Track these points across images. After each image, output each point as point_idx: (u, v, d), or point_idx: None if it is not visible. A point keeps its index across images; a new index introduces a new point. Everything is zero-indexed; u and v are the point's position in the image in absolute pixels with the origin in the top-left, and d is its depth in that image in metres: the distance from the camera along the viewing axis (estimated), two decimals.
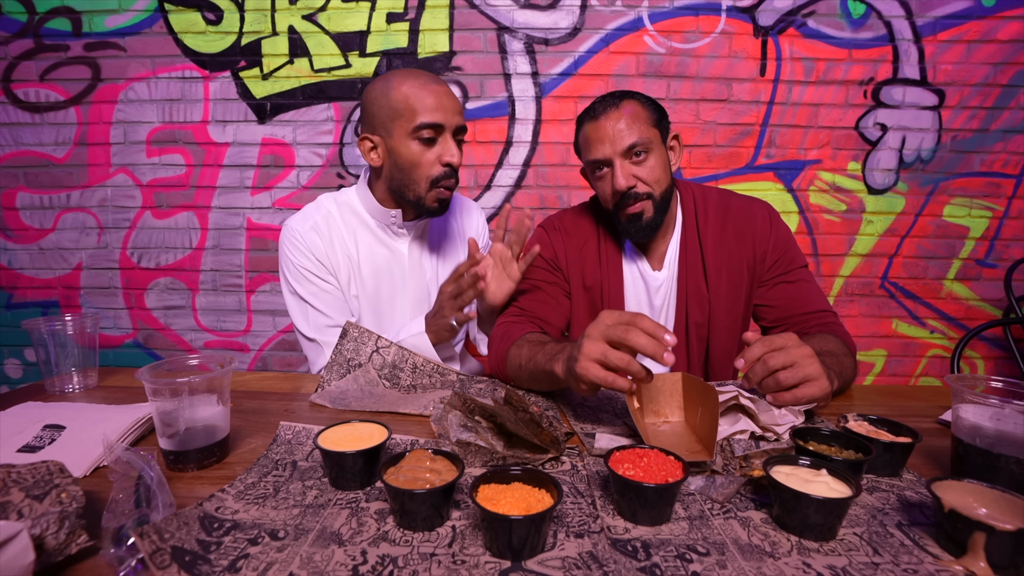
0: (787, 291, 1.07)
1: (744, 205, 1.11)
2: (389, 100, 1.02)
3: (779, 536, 0.51)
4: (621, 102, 1.00)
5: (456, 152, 1.03)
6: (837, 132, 2.04)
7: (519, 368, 0.91)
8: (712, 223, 1.08)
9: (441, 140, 1.03)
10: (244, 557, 0.47)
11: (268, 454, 0.67)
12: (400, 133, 1.02)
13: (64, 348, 0.91)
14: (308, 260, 1.10)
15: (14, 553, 0.40)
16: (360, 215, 1.15)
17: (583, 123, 1.05)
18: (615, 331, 0.67)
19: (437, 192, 1.05)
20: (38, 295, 2.18)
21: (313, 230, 1.11)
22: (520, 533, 0.46)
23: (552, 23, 1.99)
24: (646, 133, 0.99)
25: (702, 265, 1.07)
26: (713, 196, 1.12)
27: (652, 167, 1.00)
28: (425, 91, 1.01)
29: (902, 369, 2.19)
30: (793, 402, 0.70)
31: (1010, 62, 1.97)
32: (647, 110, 1.01)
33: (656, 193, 1.01)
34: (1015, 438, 0.58)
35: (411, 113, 1.01)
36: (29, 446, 0.67)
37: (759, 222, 1.08)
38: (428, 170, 1.03)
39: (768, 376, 0.71)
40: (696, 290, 1.07)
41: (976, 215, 2.08)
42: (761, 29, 1.97)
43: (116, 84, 2.04)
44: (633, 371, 0.67)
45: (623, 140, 0.98)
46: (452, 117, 1.03)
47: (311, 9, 1.98)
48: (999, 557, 0.45)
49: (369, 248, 1.15)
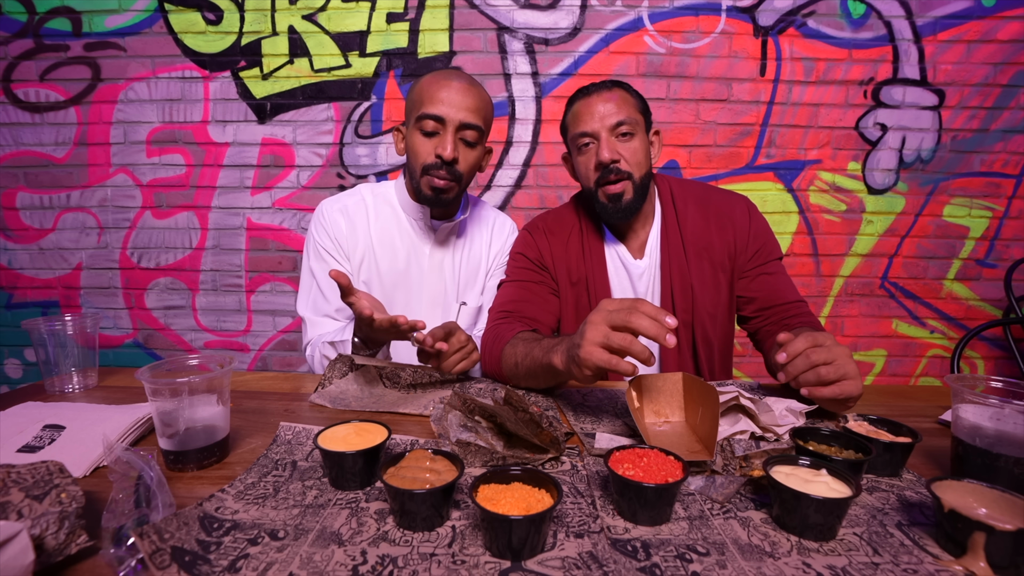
0: (767, 282, 1.10)
1: (723, 197, 1.15)
2: (413, 93, 1.08)
3: (779, 536, 0.51)
4: (613, 86, 1.07)
5: (449, 147, 1.04)
6: (837, 132, 2.04)
7: (515, 366, 0.92)
8: (692, 212, 1.12)
9: (442, 134, 1.05)
10: (244, 557, 0.47)
11: (268, 454, 0.67)
12: (411, 123, 1.08)
13: (64, 348, 0.91)
14: (327, 238, 1.14)
15: (14, 553, 0.40)
16: (393, 207, 1.19)
17: (575, 101, 1.09)
18: (617, 316, 0.68)
19: (428, 180, 1.07)
20: (38, 295, 2.18)
21: (340, 212, 1.15)
22: (520, 533, 0.46)
23: (552, 23, 1.99)
24: (633, 116, 1.05)
25: (683, 252, 1.10)
26: (692, 187, 1.17)
27: (635, 149, 1.04)
28: (437, 85, 1.04)
29: (902, 369, 2.19)
30: (832, 396, 0.72)
31: (1010, 62, 1.97)
32: (635, 98, 1.08)
33: (636, 176, 1.05)
34: (1015, 438, 0.58)
35: (419, 104, 1.05)
36: (29, 446, 0.67)
37: (739, 214, 1.12)
38: (423, 158, 1.06)
39: (809, 370, 0.73)
40: (680, 276, 1.10)
41: (976, 215, 2.08)
42: (761, 29, 1.97)
43: (116, 84, 2.04)
44: (636, 351, 0.66)
45: (611, 116, 1.03)
46: (455, 112, 1.03)
47: (311, 9, 1.98)
48: (999, 557, 0.45)
49: (392, 240, 1.17)
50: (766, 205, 2.09)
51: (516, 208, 2.09)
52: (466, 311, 1.20)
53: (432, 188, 1.07)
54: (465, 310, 1.20)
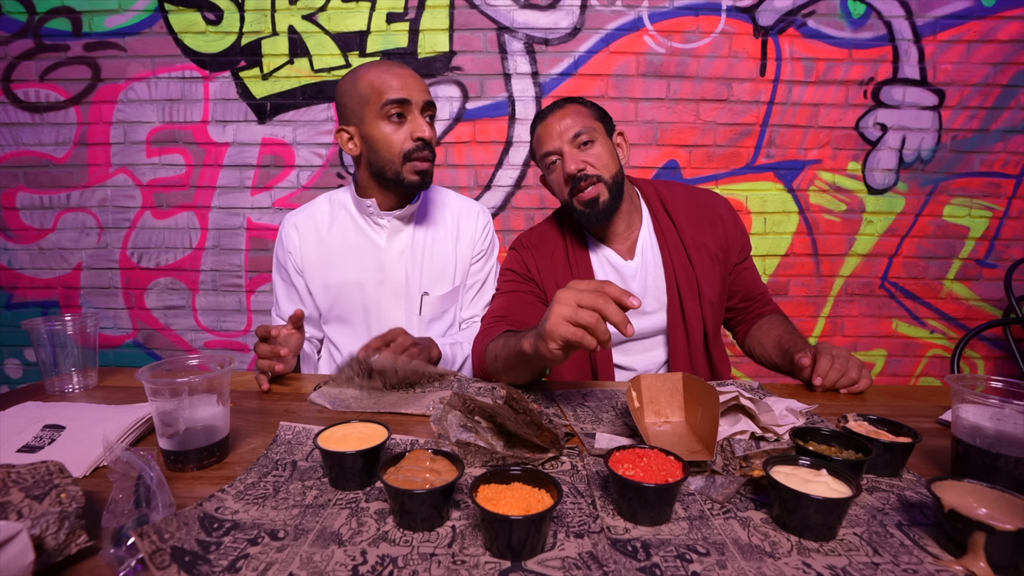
0: (747, 276, 1.22)
1: (707, 196, 1.22)
2: (357, 89, 1.06)
3: (779, 536, 0.51)
4: (565, 104, 1.12)
5: (426, 126, 1.07)
6: (837, 132, 2.04)
7: (495, 360, 0.94)
8: (683, 208, 1.18)
9: (410, 117, 1.06)
10: (244, 557, 0.47)
11: (268, 454, 0.67)
12: (371, 117, 1.06)
13: (64, 348, 0.91)
14: (282, 251, 1.21)
15: (14, 553, 0.40)
16: (348, 208, 1.20)
17: (535, 128, 1.14)
18: (586, 297, 0.70)
19: (412, 165, 1.07)
20: (38, 295, 2.18)
21: (294, 225, 1.20)
22: (520, 533, 0.46)
23: (552, 23, 1.99)
24: (590, 124, 1.09)
25: (682, 246, 1.14)
26: (676, 188, 1.23)
27: (599, 154, 1.09)
28: (389, 74, 1.05)
29: (902, 369, 2.19)
30: (857, 391, 0.92)
31: (1010, 62, 1.97)
32: (589, 108, 1.12)
33: (606, 176, 1.08)
34: (1015, 438, 0.58)
35: (378, 95, 1.05)
36: (29, 446, 0.67)
37: (724, 211, 1.20)
38: (401, 146, 1.06)
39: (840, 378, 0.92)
40: (684, 272, 1.13)
41: (976, 215, 2.08)
42: (761, 29, 1.97)
43: (116, 84, 2.04)
44: (599, 331, 0.69)
45: (569, 131, 1.08)
46: (418, 94, 1.06)
47: (311, 9, 1.98)
48: (999, 557, 0.45)
49: (350, 242, 1.18)
50: (766, 205, 2.09)
51: (516, 208, 2.09)
52: (429, 301, 1.18)
53: (418, 172, 1.08)
54: (428, 300, 1.18)
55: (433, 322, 1.20)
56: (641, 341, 1.18)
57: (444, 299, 1.21)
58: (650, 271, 1.15)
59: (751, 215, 2.09)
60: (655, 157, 2.06)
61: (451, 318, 1.24)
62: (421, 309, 1.18)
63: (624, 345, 1.18)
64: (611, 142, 1.13)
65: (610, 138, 1.13)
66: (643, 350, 1.18)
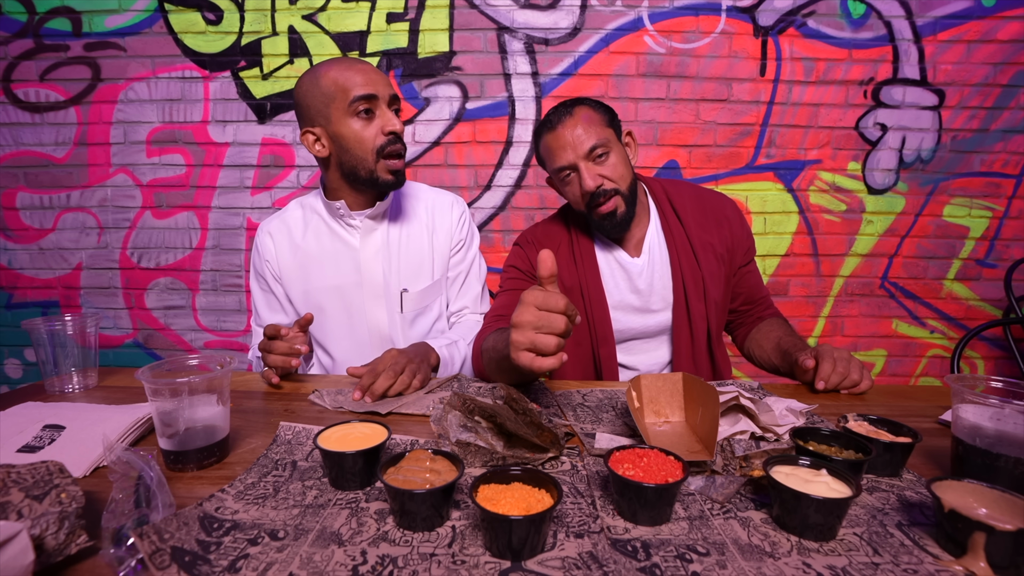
0: (751, 278, 1.22)
1: (714, 196, 1.21)
2: (320, 88, 1.03)
3: (779, 536, 0.51)
4: (574, 109, 1.06)
5: (396, 120, 1.05)
6: (837, 132, 2.04)
7: (488, 360, 0.94)
8: (690, 207, 1.17)
9: (379, 112, 1.05)
10: (244, 557, 0.47)
11: (268, 454, 0.67)
12: (338, 115, 1.03)
13: (64, 348, 0.91)
14: (259, 259, 1.21)
15: (14, 553, 0.40)
16: (319, 212, 1.19)
17: (541, 135, 1.10)
18: (542, 318, 0.67)
19: (386, 164, 1.06)
20: (38, 295, 2.18)
21: (268, 233, 1.20)
22: (520, 533, 0.46)
23: (552, 23, 1.99)
24: (603, 134, 1.05)
25: (689, 245, 1.14)
26: (684, 187, 1.21)
27: (615, 164, 1.06)
28: (352, 70, 1.03)
29: (902, 369, 2.19)
30: (859, 391, 0.93)
31: (1010, 62, 1.97)
32: (599, 113, 1.08)
33: (623, 188, 1.07)
34: (1015, 438, 0.58)
35: (343, 92, 1.02)
36: (29, 446, 0.67)
37: (731, 213, 1.19)
38: (373, 142, 1.04)
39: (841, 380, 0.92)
40: (691, 271, 1.13)
41: (976, 215, 2.08)
42: (761, 29, 1.97)
43: (116, 84, 2.04)
44: (550, 362, 0.66)
45: (583, 144, 1.03)
46: (383, 88, 1.05)
47: (311, 9, 1.98)
48: (999, 557, 0.45)
49: (321, 243, 1.17)
50: (766, 205, 2.09)
51: (516, 208, 2.09)
52: (410, 297, 1.17)
53: (392, 172, 1.07)
54: (409, 296, 1.17)
55: (417, 318, 1.19)
56: (645, 340, 1.18)
57: (424, 294, 1.19)
58: (656, 269, 1.14)
59: (751, 215, 2.09)
60: (655, 157, 2.06)
61: (435, 313, 1.22)
62: (402, 307, 1.17)
63: (628, 344, 1.18)
64: (623, 147, 1.10)
65: (620, 141, 1.11)
66: (647, 349, 1.18)
